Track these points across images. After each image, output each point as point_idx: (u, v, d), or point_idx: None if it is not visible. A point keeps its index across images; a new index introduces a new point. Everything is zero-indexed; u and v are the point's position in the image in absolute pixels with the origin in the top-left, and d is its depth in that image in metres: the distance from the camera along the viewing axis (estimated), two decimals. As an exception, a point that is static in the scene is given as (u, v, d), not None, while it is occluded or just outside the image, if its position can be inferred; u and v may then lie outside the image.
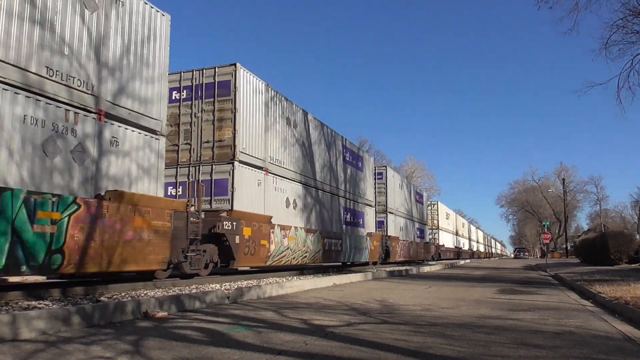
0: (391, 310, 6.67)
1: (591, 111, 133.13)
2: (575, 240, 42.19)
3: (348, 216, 19.53)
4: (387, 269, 17.62)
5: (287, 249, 13.90)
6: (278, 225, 13.40)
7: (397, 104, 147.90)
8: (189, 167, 12.23)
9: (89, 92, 8.09)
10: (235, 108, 12.02)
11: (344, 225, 18.98)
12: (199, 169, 12.11)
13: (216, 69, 12.36)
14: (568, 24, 45.21)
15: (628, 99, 27.98)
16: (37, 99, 7.17)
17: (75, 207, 7.29)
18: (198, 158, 12.20)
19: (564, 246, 60.52)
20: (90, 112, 8.06)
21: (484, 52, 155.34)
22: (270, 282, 10.21)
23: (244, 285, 9.27)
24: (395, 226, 27.16)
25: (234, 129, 11.95)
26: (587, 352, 4.06)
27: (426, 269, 21.85)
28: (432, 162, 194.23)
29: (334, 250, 17.46)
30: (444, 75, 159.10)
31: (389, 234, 25.40)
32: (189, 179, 12.08)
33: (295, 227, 14.60)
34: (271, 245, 12.92)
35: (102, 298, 6.90)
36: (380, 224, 25.20)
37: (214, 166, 11.95)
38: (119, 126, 8.68)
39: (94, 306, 5.08)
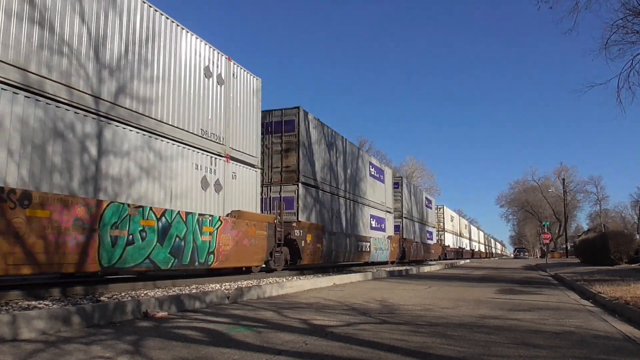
0: (391, 310, 6.67)
1: (591, 111, 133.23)
2: (575, 240, 42.22)
3: (374, 222, 22.82)
4: (387, 269, 17.70)
5: (334, 250, 17.41)
6: (327, 231, 16.83)
7: (397, 104, 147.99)
8: (262, 187, 14.67)
9: (221, 143, 11.46)
10: (298, 141, 15.20)
11: (371, 230, 22.27)
12: (270, 188, 15.13)
13: (283, 110, 15.55)
14: (568, 24, 45.26)
15: (628, 99, 28.00)
16: (204, 153, 10.73)
17: (219, 223, 10.70)
18: (269, 180, 15.23)
19: (564, 246, 60.54)
20: (221, 157, 11.38)
21: (484, 52, 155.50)
22: (270, 282, 10.20)
23: (244, 285, 9.26)
24: (409, 229, 30.49)
25: (298, 158, 15.12)
26: (587, 352, 4.06)
27: (426, 269, 21.87)
28: (432, 162, 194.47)
29: (365, 251, 20.82)
30: (443, 75, 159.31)
31: (404, 237, 28.66)
32: (262, 196, 14.60)
33: (339, 233, 18.10)
34: (324, 247, 16.31)
35: (102, 298, 6.90)
36: (397, 228, 28.20)
37: (282, 187, 15.09)
38: (236, 164, 11.98)
39: (94, 306, 5.08)
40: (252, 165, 12.71)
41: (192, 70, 10.51)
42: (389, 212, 25.65)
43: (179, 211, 9.52)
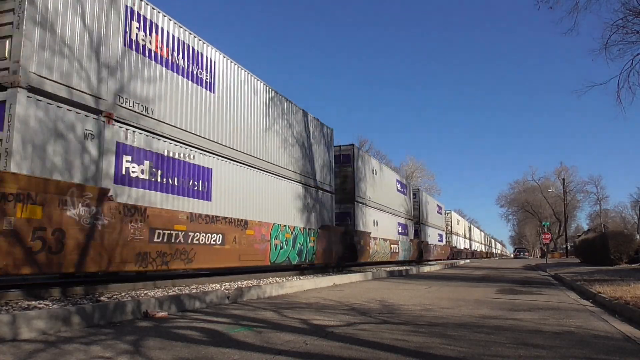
0: (391, 310, 6.67)
1: (591, 111, 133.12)
2: (575, 240, 42.20)
3: (400, 229, 27.76)
4: (387, 269, 17.73)
5: (377, 252, 22.24)
6: (372, 237, 21.38)
7: (397, 103, 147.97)
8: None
9: (314, 178, 16.31)
10: (353, 171, 20.08)
11: (398, 235, 27.10)
12: (333, 206, 18.57)
13: (341, 147, 20.15)
14: (568, 24, 45.23)
15: (628, 99, 27.99)
16: (308, 187, 15.77)
17: (317, 233, 15.84)
18: None
19: (564, 246, 60.47)
20: (313, 187, 16.16)
21: (484, 52, 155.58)
22: (270, 282, 10.20)
23: (244, 285, 9.27)
24: (425, 233, 35.55)
25: (353, 183, 19.96)
26: (587, 352, 4.06)
27: (426, 269, 21.90)
28: (432, 162, 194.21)
29: (395, 252, 25.81)
30: (444, 75, 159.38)
31: (422, 240, 33.54)
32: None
33: (380, 239, 22.73)
34: (371, 249, 21.13)
35: (102, 298, 6.90)
36: (417, 233, 33.17)
37: (341, 205, 19.45)
38: (324, 193, 17.05)
39: (94, 306, 5.08)
40: (330, 192, 17.54)
41: (303, 133, 15.71)
42: (410, 219, 30.77)
43: (299, 227, 14.56)
